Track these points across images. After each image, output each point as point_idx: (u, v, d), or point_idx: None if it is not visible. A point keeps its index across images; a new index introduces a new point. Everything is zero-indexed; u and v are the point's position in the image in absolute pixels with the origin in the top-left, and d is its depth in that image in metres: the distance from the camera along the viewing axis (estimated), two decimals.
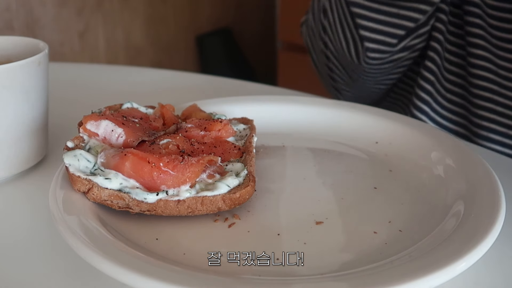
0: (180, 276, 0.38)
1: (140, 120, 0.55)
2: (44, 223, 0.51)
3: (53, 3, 1.93)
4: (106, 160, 0.48)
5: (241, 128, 0.58)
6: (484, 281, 0.42)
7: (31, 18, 1.89)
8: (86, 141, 0.51)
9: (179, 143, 0.51)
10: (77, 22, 2.02)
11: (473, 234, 0.40)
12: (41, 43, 0.61)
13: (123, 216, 0.47)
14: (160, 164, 0.46)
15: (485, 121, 0.76)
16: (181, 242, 0.45)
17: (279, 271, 0.41)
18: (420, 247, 0.41)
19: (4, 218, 0.53)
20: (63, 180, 0.48)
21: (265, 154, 0.59)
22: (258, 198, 0.51)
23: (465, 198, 0.46)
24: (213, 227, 0.47)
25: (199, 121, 0.55)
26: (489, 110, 0.75)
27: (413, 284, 0.35)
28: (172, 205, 0.46)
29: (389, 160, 0.57)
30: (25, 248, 0.48)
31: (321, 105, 0.66)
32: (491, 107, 0.75)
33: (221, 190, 0.46)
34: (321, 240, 0.45)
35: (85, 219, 0.44)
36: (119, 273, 0.37)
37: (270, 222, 0.47)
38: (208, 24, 2.49)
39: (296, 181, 0.54)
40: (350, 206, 0.50)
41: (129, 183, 0.46)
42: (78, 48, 2.05)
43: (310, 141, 0.62)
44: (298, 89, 0.85)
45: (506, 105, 0.74)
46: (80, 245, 0.40)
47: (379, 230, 0.46)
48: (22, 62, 0.55)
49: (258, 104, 0.66)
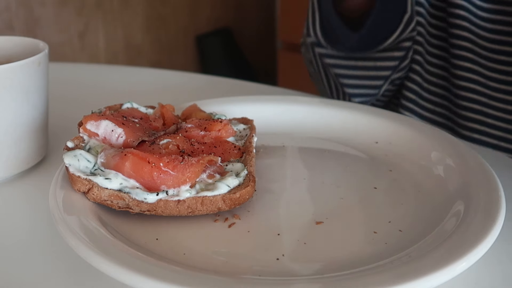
0: (180, 276, 0.38)
1: (140, 120, 0.55)
2: (44, 223, 0.51)
3: (53, 3, 1.93)
4: (106, 160, 0.48)
5: (241, 128, 0.58)
6: (484, 281, 0.42)
7: (31, 18, 1.89)
8: (86, 141, 0.51)
9: (179, 143, 0.51)
10: (77, 22, 2.02)
11: (473, 234, 0.40)
12: (41, 43, 0.61)
13: (123, 216, 0.47)
14: (160, 164, 0.46)
15: (474, 133, 0.77)
16: (181, 242, 0.45)
17: (279, 271, 0.41)
18: (420, 247, 0.41)
19: (4, 218, 0.53)
20: (63, 180, 0.48)
21: (265, 154, 0.59)
22: (258, 198, 0.51)
23: (465, 198, 0.46)
24: (213, 227, 0.47)
25: (199, 121, 0.55)
26: (475, 121, 0.77)
27: (413, 284, 0.35)
28: (172, 205, 0.46)
29: (389, 160, 0.57)
30: (25, 248, 0.48)
31: (321, 105, 0.66)
32: (478, 118, 0.76)
33: (221, 190, 0.46)
34: (321, 240, 0.45)
35: (85, 219, 0.44)
36: (119, 273, 0.37)
37: (270, 222, 0.47)
38: (208, 24, 2.49)
39: (296, 181, 0.54)
40: (350, 206, 0.50)
41: (129, 183, 0.46)
42: (78, 48, 2.05)
43: (310, 141, 0.62)
44: (298, 89, 0.85)
45: (493, 110, 0.75)
46: (80, 245, 0.40)
47: (379, 230, 0.46)
48: (22, 62, 0.55)
49: (258, 104, 0.66)
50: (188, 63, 2.45)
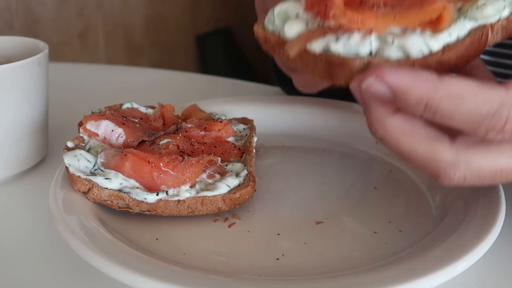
0: (180, 276, 0.38)
1: (140, 120, 0.55)
2: (44, 223, 0.51)
3: (53, 3, 1.93)
4: (106, 160, 0.48)
5: (241, 128, 0.58)
6: (484, 281, 0.42)
7: (31, 18, 1.89)
8: (86, 141, 0.51)
9: (179, 143, 0.51)
10: (77, 22, 2.02)
11: (473, 234, 0.40)
12: (41, 43, 0.61)
13: (123, 216, 0.47)
14: (160, 164, 0.46)
15: None
16: (181, 242, 0.45)
17: (279, 271, 0.41)
18: (420, 247, 0.41)
19: (4, 218, 0.53)
20: (63, 180, 0.48)
21: (265, 154, 0.59)
22: (258, 198, 0.51)
23: (465, 198, 0.46)
24: (213, 227, 0.47)
25: (199, 121, 0.55)
26: None
27: (413, 284, 0.35)
28: (172, 205, 0.46)
29: (389, 160, 0.57)
30: (25, 248, 0.48)
31: (321, 105, 0.65)
32: None
33: (221, 190, 0.46)
34: (321, 240, 0.45)
35: (85, 219, 0.44)
36: (119, 273, 0.37)
37: (270, 222, 0.47)
38: (208, 24, 2.49)
39: (296, 181, 0.54)
40: (350, 206, 0.50)
41: (129, 183, 0.46)
42: (78, 48, 2.05)
43: (310, 141, 0.62)
44: None
45: None
46: (80, 245, 0.40)
47: (379, 230, 0.46)
48: (22, 62, 0.55)
49: (258, 104, 0.66)
50: (188, 63, 2.45)
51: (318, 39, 0.42)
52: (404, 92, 0.34)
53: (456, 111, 0.34)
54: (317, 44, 0.42)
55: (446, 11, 0.40)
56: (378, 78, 0.35)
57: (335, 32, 0.41)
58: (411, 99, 0.34)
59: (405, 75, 0.34)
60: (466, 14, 0.41)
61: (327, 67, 0.42)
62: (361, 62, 0.40)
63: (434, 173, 0.36)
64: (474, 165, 0.36)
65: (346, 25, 0.40)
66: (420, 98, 0.34)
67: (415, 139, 0.36)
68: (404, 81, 0.34)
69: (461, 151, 0.36)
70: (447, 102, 0.34)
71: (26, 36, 0.66)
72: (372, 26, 0.40)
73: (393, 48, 0.40)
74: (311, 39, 0.42)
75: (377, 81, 0.35)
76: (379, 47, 0.40)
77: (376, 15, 0.40)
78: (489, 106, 0.34)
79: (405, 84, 0.34)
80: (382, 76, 0.34)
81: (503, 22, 0.42)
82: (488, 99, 0.34)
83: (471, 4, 0.42)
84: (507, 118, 0.34)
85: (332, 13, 0.41)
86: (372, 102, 0.36)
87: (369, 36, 0.40)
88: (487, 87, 0.34)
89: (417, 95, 0.34)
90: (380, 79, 0.35)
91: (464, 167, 0.36)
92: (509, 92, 0.34)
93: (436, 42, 0.40)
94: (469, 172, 0.36)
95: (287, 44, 0.44)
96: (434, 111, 0.34)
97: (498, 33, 0.42)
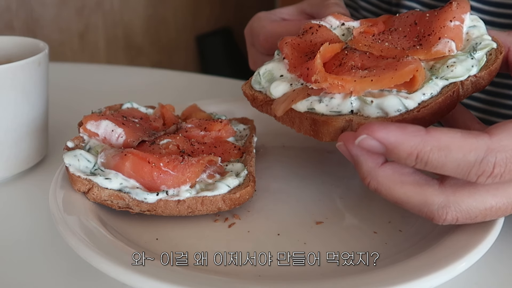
0: (180, 276, 0.38)
1: (140, 120, 0.55)
2: (44, 223, 0.51)
3: (53, 3, 1.93)
4: (106, 160, 0.48)
5: (241, 128, 0.58)
6: (484, 281, 0.42)
7: (31, 18, 1.89)
8: (86, 141, 0.51)
9: (179, 143, 0.51)
10: (77, 22, 2.02)
11: (473, 234, 0.40)
12: (41, 43, 0.61)
13: (123, 216, 0.47)
14: (160, 164, 0.46)
15: None
16: (181, 242, 0.45)
17: (279, 271, 0.41)
18: (420, 247, 0.41)
19: (4, 218, 0.53)
20: (63, 180, 0.48)
21: (265, 154, 0.59)
22: (258, 198, 0.51)
23: None
24: (213, 227, 0.47)
25: (199, 121, 0.55)
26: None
27: (413, 284, 0.35)
28: (172, 205, 0.46)
29: None
30: (25, 248, 0.48)
31: None
32: None
33: (221, 190, 0.46)
34: (321, 240, 0.45)
35: (85, 219, 0.44)
36: (119, 273, 0.37)
37: (270, 222, 0.47)
38: (208, 24, 2.49)
39: (296, 181, 0.54)
40: (350, 206, 0.50)
41: (129, 183, 0.46)
42: (78, 48, 2.05)
43: (310, 141, 0.62)
44: None
45: None
46: (80, 245, 0.40)
47: (379, 230, 0.46)
48: (22, 62, 0.55)
49: None
50: (188, 63, 2.45)
51: (302, 99, 0.45)
52: (395, 147, 0.36)
53: (445, 161, 0.36)
54: (301, 104, 0.45)
55: (419, 73, 0.43)
56: (370, 135, 0.36)
57: (317, 93, 0.44)
58: (402, 153, 0.36)
59: (394, 130, 0.36)
60: (438, 73, 0.44)
61: (312, 125, 0.45)
62: (343, 120, 0.43)
63: (428, 216, 0.38)
64: (463, 206, 0.38)
65: (328, 89, 0.43)
66: (410, 151, 0.36)
67: (405, 187, 0.38)
68: (394, 136, 0.36)
69: (450, 194, 0.38)
70: (437, 153, 0.35)
71: (26, 36, 0.66)
72: (351, 88, 0.43)
73: (372, 107, 0.43)
74: (296, 99, 0.45)
75: (368, 137, 0.36)
76: (359, 107, 0.43)
77: (355, 78, 0.43)
78: (476, 153, 0.35)
79: (395, 139, 0.36)
80: (373, 132, 0.36)
81: (472, 79, 0.44)
82: (475, 148, 0.35)
83: (442, 63, 0.45)
84: (494, 164, 0.36)
85: (314, 78, 0.44)
86: (360, 156, 0.38)
87: (350, 97, 0.43)
88: (472, 136, 0.36)
89: (408, 149, 0.36)
90: (371, 135, 0.36)
91: (454, 208, 0.38)
92: (493, 138, 0.36)
93: (412, 101, 0.42)
94: (459, 213, 0.38)
95: (274, 104, 0.47)
96: (425, 162, 0.36)
97: (468, 89, 0.45)
